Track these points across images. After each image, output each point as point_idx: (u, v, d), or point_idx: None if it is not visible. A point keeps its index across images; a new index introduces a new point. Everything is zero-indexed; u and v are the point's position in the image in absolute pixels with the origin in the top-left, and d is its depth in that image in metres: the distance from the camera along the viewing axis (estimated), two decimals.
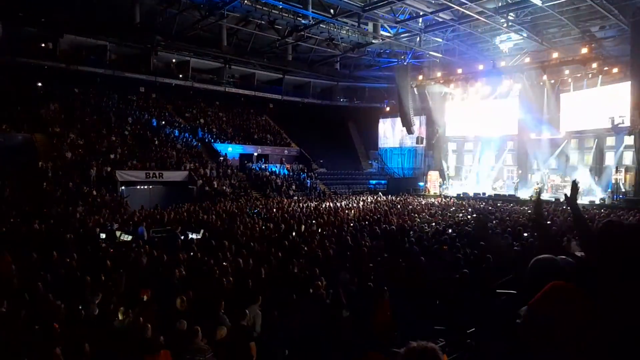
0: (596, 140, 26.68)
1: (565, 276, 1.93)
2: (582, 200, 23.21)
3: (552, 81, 27.54)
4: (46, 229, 14.00)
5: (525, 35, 25.82)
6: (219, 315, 6.33)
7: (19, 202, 18.38)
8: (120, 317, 6.37)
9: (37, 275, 8.28)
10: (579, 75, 26.26)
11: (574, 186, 3.14)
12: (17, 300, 6.87)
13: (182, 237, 13.28)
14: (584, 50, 24.34)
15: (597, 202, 23.02)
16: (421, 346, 1.66)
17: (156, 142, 27.69)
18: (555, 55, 26.05)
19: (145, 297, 7.22)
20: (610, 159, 25.96)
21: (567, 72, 26.76)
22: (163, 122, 30.80)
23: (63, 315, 6.34)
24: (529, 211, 17.80)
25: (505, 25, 23.95)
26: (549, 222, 13.96)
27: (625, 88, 23.54)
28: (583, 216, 2.99)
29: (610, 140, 26.25)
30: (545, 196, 24.03)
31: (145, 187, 24.88)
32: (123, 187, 23.15)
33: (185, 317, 6.14)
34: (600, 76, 25.41)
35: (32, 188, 20.16)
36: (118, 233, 14.33)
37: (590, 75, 25.62)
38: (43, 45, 27.80)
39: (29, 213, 16.75)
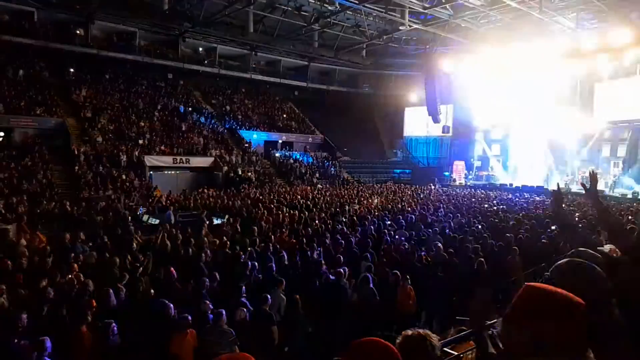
0: (631, 131, 25.73)
1: (597, 277, 1.73)
2: (614, 192, 22.57)
3: (587, 70, 26.57)
4: (78, 211, 14.49)
5: (559, 21, 24.96)
6: (240, 299, 6.46)
7: (52, 184, 19.04)
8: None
9: (69, 255, 8.60)
10: (616, 63, 25.25)
11: (593, 176, 2.96)
12: (50, 279, 7.17)
13: (208, 222, 13.54)
14: (622, 37, 23.34)
15: (630, 195, 22.30)
16: (413, 334, 1.70)
17: (183, 128, 28.12)
18: (590, 42, 25.08)
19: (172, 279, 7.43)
20: None
21: (603, 60, 25.73)
22: (190, 109, 31.22)
23: (93, 295, 6.59)
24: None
25: (537, 11, 23.20)
26: (577, 215, 13.64)
27: None
28: (606, 208, 2.85)
29: None
30: (574, 188, 23.43)
31: (173, 172, 25.33)
32: (151, 172, 23.64)
33: (211, 300, 6.30)
34: (638, 65, 24.40)
35: (65, 171, 20.86)
36: (146, 217, 14.72)
37: (628, 63, 24.62)
38: (75, 31, 28.42)
39: (61, 196, 17.35)
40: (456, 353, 3.69)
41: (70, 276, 7.38)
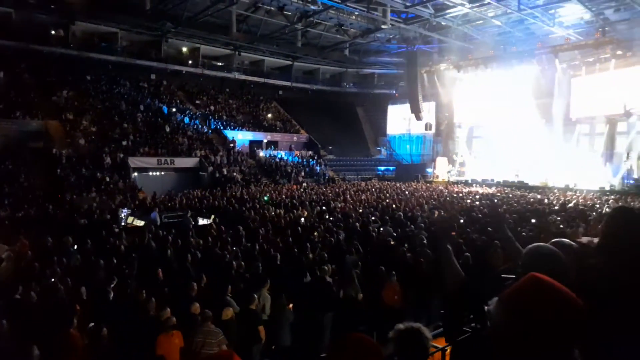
0: (607, 125, 26.29)
1: (563, 265, 1.83)
2: (592, 185, 23.10)
3: (564, 66, 27.11)
4: (61, 215, 14.33)
5: (537, 19, 25.40)
6: (225, 298, 6.50)
7: (33, 188, 18.77)
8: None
9: (52, 260, 8.52)
10: (591, 59, 25.80)
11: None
12: (34, 284, 7.11)
13: (193, 223, 13.53)
14: (597, 34, 23.93)
15: (607, 188, 22.85)
16: (407, 327, 1.80)
17: (167, 129, 27.91)
18: (567, 39, 25.65)
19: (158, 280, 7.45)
20: (621, 144, 25.63)
21: (579, 56, 26.32)
22: (174, 109, 30.99)
23: (80, 298, 6.58)
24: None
25: (516, 8, 23.59)
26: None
27: (638, 72, 23.17)
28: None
29: (622, 126, 25.87)
30: (550, 183, 25.06)
31: (157, 173, 25.15)
32: (135, 174, 23.45)
33: (196, 300, 6.34)
34: (613, 60, 24.97)
35: (47, 174, 20.55)
36: (131, 218, 14.63)
37: (603, 59, 25.19)
38: (54, 32, 27.97)
39: (43, 199, 17.13)
40: (441, 346, 3.83)
41: (53, 280, 7.33)
